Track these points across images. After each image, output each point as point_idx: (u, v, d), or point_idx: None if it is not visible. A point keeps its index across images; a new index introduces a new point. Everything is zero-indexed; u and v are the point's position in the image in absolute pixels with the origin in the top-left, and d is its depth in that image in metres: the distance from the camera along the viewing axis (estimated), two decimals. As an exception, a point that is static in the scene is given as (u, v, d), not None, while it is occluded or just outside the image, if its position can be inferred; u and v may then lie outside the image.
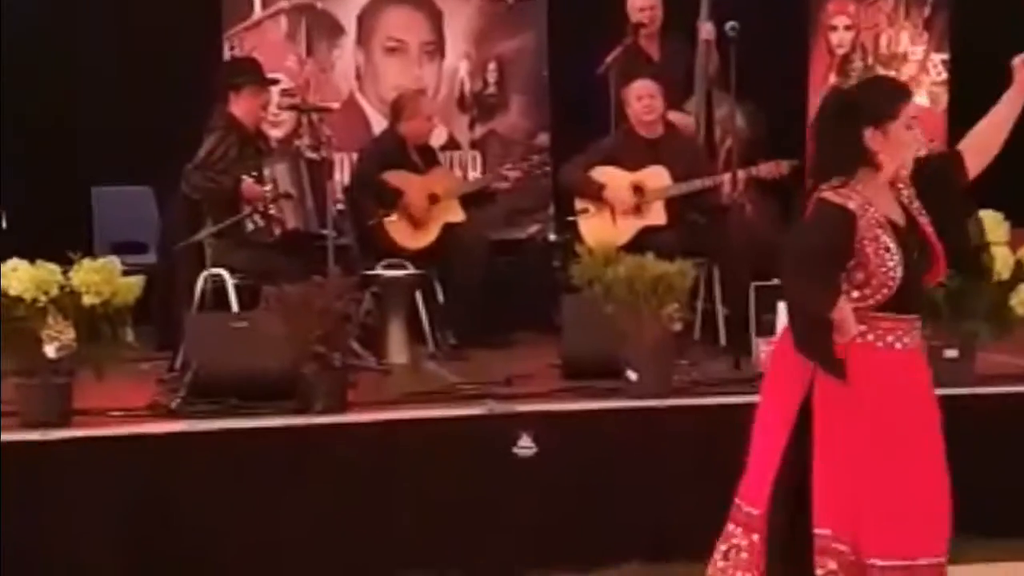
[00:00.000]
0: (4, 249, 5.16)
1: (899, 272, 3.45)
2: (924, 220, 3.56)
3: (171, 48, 7.33)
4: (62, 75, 7.34)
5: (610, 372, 5.47)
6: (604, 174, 6.79)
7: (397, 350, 6.47)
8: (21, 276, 4.84)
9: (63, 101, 7.31)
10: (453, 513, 5.05)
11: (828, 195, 3.48)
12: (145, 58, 7.37)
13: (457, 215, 6.89)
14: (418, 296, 6.70)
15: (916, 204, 3.57)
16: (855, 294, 3.48)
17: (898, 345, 3.53)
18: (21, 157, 7.02)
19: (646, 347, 5.33)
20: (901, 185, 3.58)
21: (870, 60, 8.10)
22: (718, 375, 5.81)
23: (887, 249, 3.45)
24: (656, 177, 6.78)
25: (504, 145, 8.06)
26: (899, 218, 3.53)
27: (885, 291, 3.47)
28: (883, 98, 3.53)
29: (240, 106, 6.45)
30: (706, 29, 7.10)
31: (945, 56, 8.21)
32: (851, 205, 3.46)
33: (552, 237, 7.72)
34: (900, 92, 3.60)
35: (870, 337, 3.51)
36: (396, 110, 7.04)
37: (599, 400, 5.37)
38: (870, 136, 3.49)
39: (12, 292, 4.82)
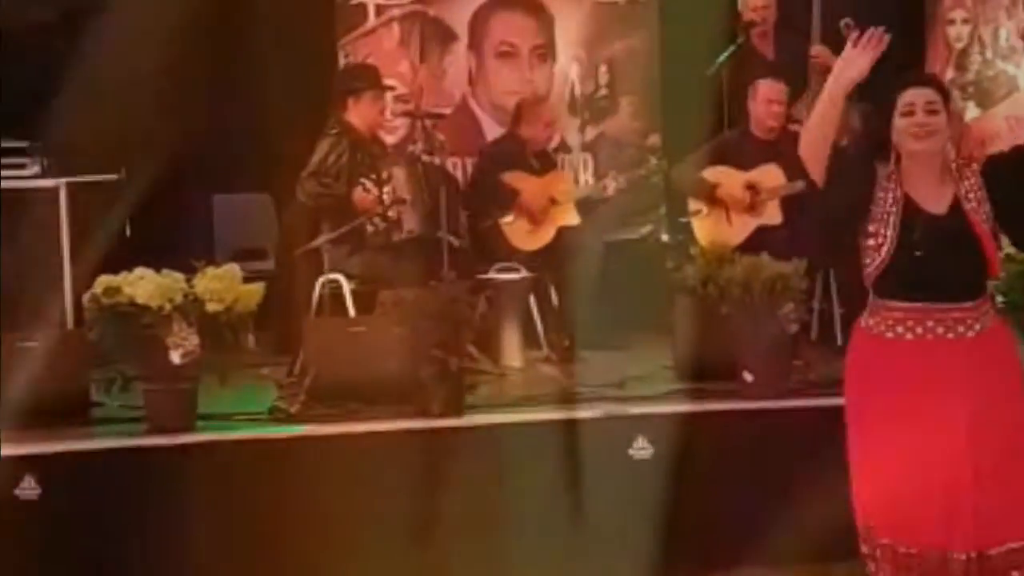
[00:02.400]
0: (129, 258, 5.29)
1: (884, 248, 3.64)
2: (977, 214, 3.66)
3: (288, 57, 7.44)
4: (183, 85, 7.49)
5: (725, 374, 5.44)
6: (718, 173, 6.75)
7: (512, 353, 6.50)
8: (147, 284, 4.96)
9: (184, 111, 7.46)
10: (568, 515, 5.07)
11: None
12: (263, 67, 7.48)
13: (573, 218, 6.91)
14: (532, 299, 6.74)
15: (973, 196, 3.67)
16: (866, 261, 3.70)
17: (909, 336, 3.65)
18: (143, 167, 7.17)
19: (762, 348, 5.30)
20: (964, 175, 3.70)
21: (988, 54, 7.93)
22: (835, 376, 5.75)
23: (883, 220, 3.65)
24: (771, 175, 6.72)
25: (615, 147, 8.04)
26: (932, 202, 3.66)
27: (876, 262, 3.66)
28: (891, 91, 3.76)
29: (359, 112, 6.52)
30: (818, 50, 6.97)
31: (1067, 49, 8.03)
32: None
33: (665, 238, 7.69)
34: (902, 81, 3.77)
35: (881, 327, 3.70)
36: (518, 114, 7.09)
37: (714, 402, 5.35)
38: (893, 125, 3.73)
39: (139, 300, 4.95)
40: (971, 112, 7.84)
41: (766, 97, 6.70)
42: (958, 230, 3.64)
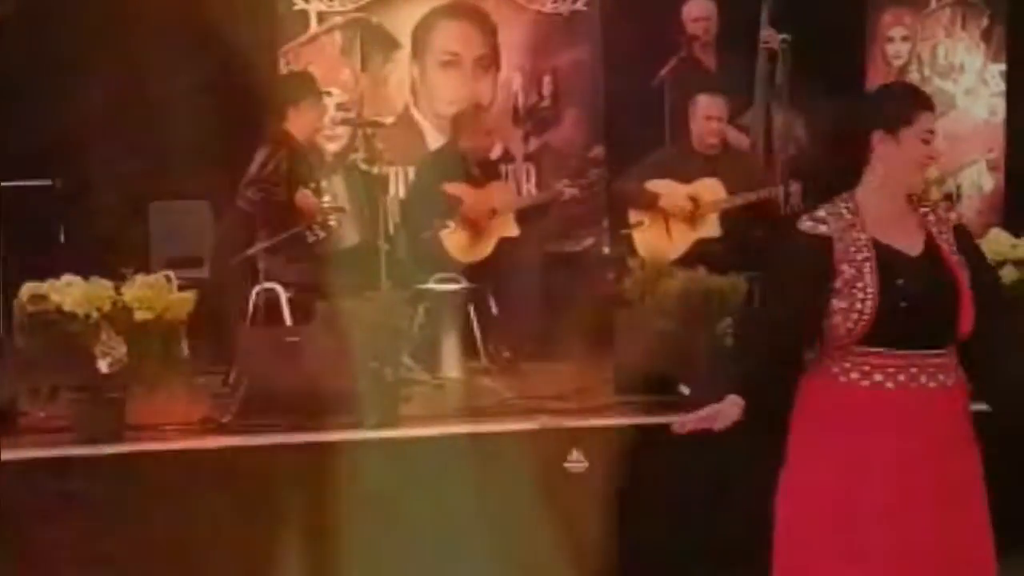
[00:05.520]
0: (63, 264, 5.21)
1: (868, 303, 3.16)
2: (951, 252, 3.25)
3: (227, 63, 7.37)
4: (118, 90, 7.41)
5: (663, 387, 5.43)
6: (659, 185, 6.76)
7: (450, 364, 6.46)
8: (74, 292, 4.89)
9: (120, 116, 7.38)
10: (504, 528, 5.03)
11: (805, 224, 3.25)
12: (202, 73, 7.41)
13: (512, 230, 6.88)
14: (471, 310, 6.70)
15: (946, 235, 3.27)
16: (837, 320, 3.19)
17: (889, 384, 3.22)
18: (80, 172, 7.08)
19: (699, 362, 5.29)
20: (927, 208, 3.30)
21: (927, 71, 8.02)
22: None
23: (859, 274, 3.18)
24: (711, 189, 6.74)
25: (558, 158, 8.03)
26: (905, 243, 3.25)
27: (862, 321, 3.18)
28: (901, 101, 3.27)
29: (298, 120, 6.48)
30: (768, 35, 6.99)
31: (1002, 67, 8.12)
32: (823, 229, 3.23)
33: (606, 250, 7.69)
34: (922, 99, 3.33)
35: (854, 375, 3.24)
36: (457, 125, 7.05)
37: (652, 415, 5.33)
38: (878, 139, 3.24)
39: (66, 307, 4.87)
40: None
41: (705, 113, 6.73)
42: (936, 272, 3.21)
